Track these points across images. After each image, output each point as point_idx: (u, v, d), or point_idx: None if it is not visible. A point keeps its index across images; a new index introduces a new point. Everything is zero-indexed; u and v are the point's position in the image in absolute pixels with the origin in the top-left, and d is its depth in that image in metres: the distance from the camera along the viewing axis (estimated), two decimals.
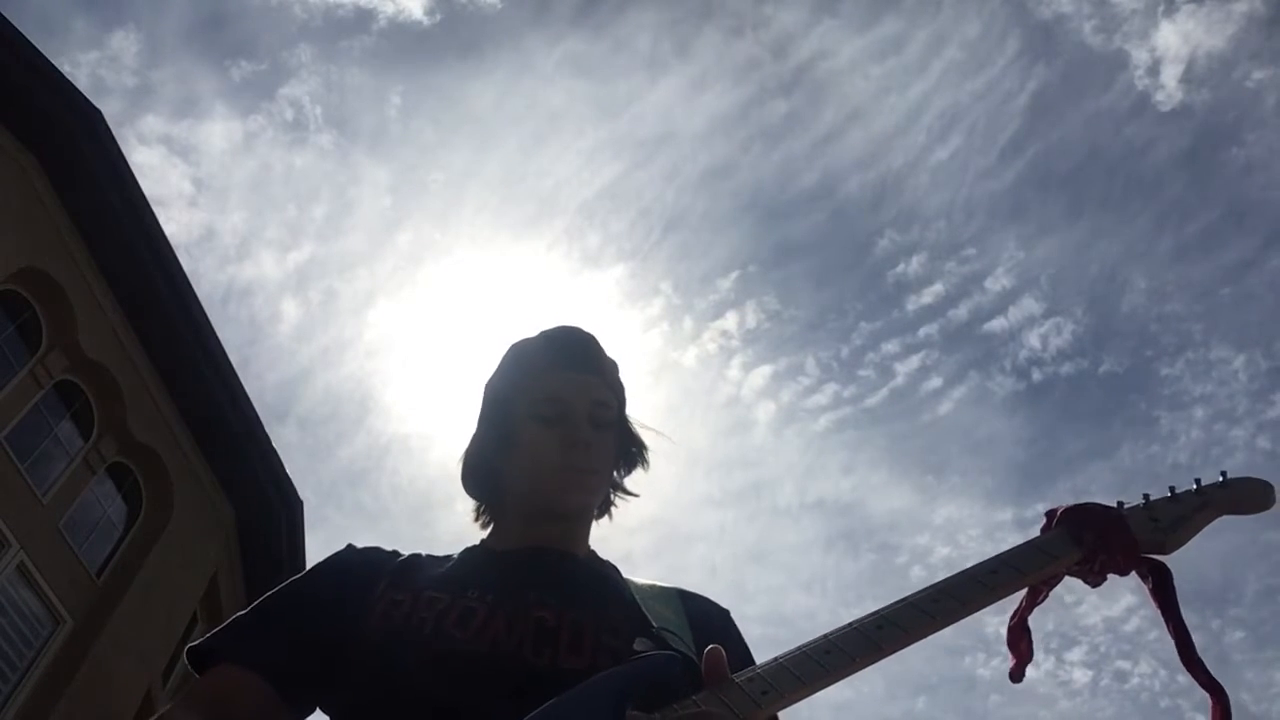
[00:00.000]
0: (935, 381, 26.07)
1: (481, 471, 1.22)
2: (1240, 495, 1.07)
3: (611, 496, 1.24)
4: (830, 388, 26.88)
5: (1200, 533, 1.05)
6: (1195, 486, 1.08)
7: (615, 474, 1.24)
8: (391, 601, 1.02)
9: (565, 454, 1.12)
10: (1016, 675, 1.09)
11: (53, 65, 8.01)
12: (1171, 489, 1.08)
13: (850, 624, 0.94)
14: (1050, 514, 1.09)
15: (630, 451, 1.25)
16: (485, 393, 1.26)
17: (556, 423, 1.14)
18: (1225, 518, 1.09)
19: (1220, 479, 1.07)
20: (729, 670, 0.85)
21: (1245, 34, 20.13)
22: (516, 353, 1.26)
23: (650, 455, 1.27)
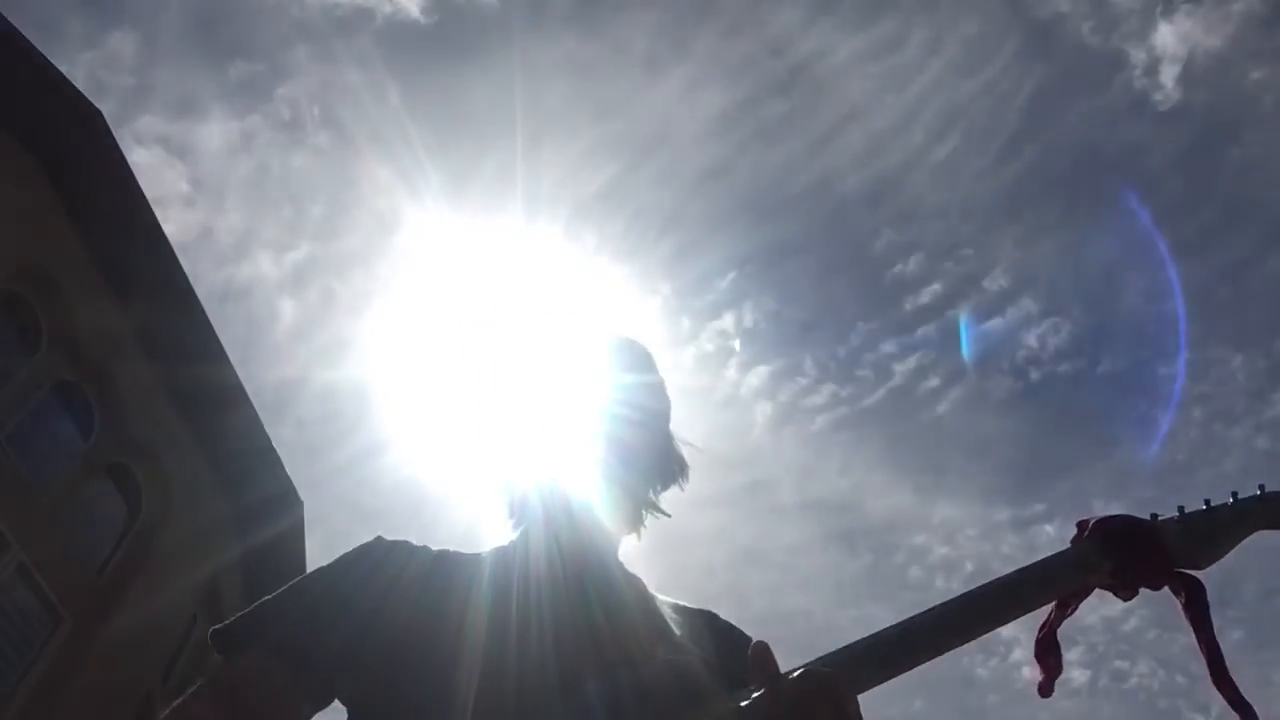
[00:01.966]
0: (933, 382, 26.07)
1: (522, 477, 1.22)
2: (1278, 509, 1.05)
3: (644, 513, 1.23)
4: (828, 388, 26.87)
5: (1236, 548, 1.04)
6: (1231, 500, 1.06)
7: (651, 491, 1.23)
8: (418, 602, 1.02)
9: (613, 464, 1.15)
10: (1046, 690, 1.08)
11: (53, 65, 7.99)
12: (1207, 502, 1.06)
13: (876, 633, 0.93)
14: (1081, 525, 1.08)
15: (670, 469, 1.25)
16: (537, 398, 1.27)
17: (605, 436, 1.16)
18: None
19: (1258, 491, 1.06)
20: (777, 666, 0.84)
21: (1243, 34, 20.14)
22: (574, 358, 1.27)
23: (686, 479, 1.26)
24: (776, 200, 25.44)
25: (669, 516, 1.25)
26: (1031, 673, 1.10)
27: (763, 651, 0.83)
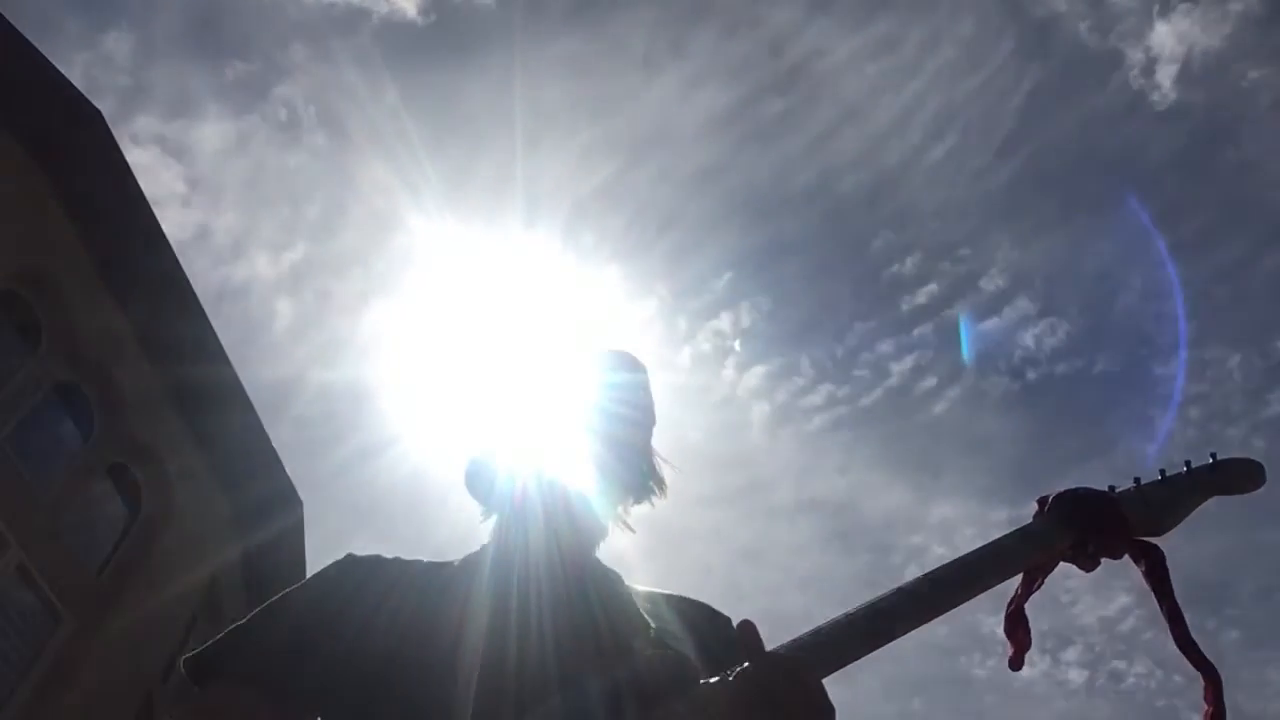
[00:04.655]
0: (930, 381, 26.05)
1: (499, 470, 1.22)
2: (1230, 476, 1.08)
3: (610, 526, 1.23)
4: (825, 388, 26.84)
5: (1192, 514, 1.06)
6: (1186, 469, 1.08)
7: (622, 505, 1.23)
8: (394, 612, 1.02)
9: (596, 463, 1.16)
10: (1016, 663, 1.10)
11: (53, 65, 8.02)
12: (1162, 471, 1.09)
13: (844, 614, 0.93)
14: (1042, 500, 1.10)
15: (646, 486, 1.25)
16: (521, 394, 1.29)
17: (593, 434, 1.18)
18: (1217, 507, 1.09)
19: (1210, 460, 1.08)
20: (762, 644, 0.84)
21: (1241, 33, 20.13)
22: (565, 362, 1.29)
23: (663, 496, 1.26)
24: (774, 200, 25.45)
25: (634, 533, 1.25)
26: (1023, 656, 1.11)
27: (748, 630, 0.83)
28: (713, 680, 0.82)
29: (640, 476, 1.23)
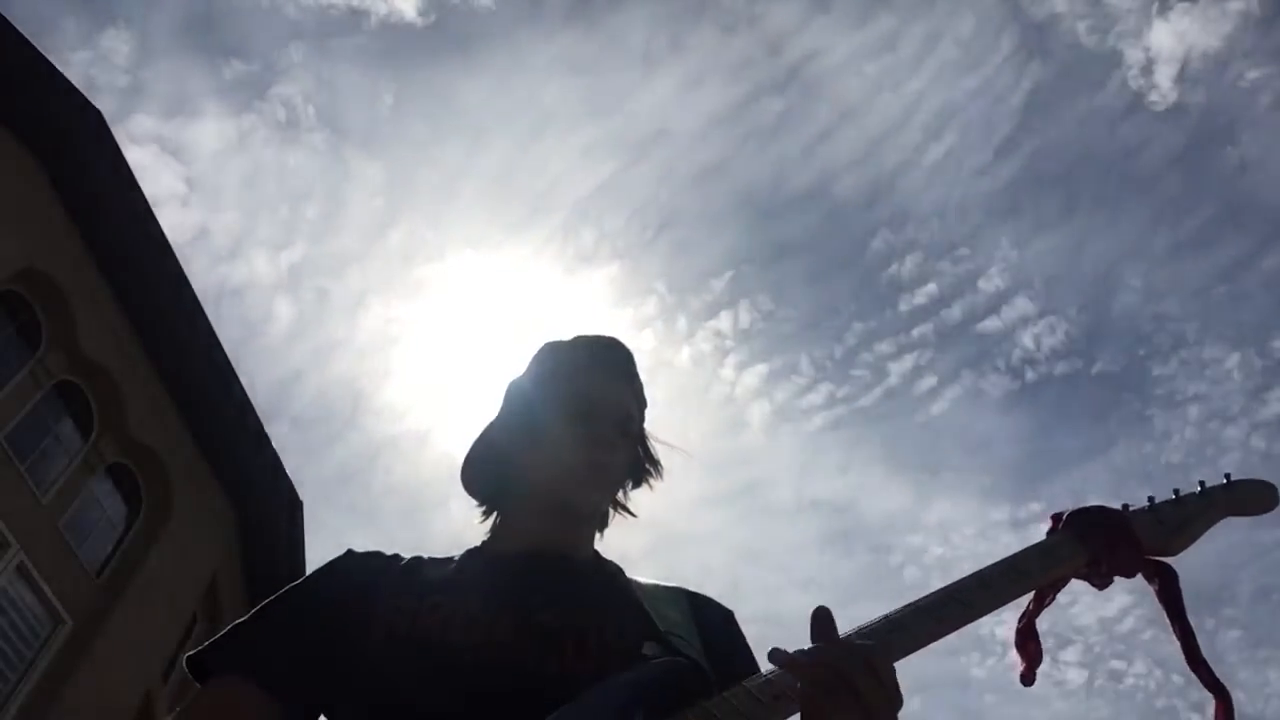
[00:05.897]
0: (929, 381, 26.15)
1: (493, 464, 1.21)
2: (1244, 496, 1.08)
3: (611, 511, 1.23)
4: (824, 387, 26.92)
5: (1205, 535, 1.06)
6: (1200, 489, 1.08)
7: (621, 491, 1.23)
8: (395, 609, 1.01)
9: (590, 450, 1.13)
10: (1027, 678, 1.10)
11: (53, 65, 8.02)
12: (1176, 491, 1.08)
13: (855, 629, 0.92)
14: (1056, 517, 1.10)
15: (643, 469, 1.25)
16: (512, 386, 1.27)
17: (586, 421, 1.15)
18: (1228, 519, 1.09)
19: (1224, 480, 1.08)
20: (836, 630, 0.83)
21: (1239, 33, 20.18)
22: (553, 349, 1.27)
23: (659, 478, 1.26)
24: (773, 199, 25.51)
25: (635, 517, 1.25)
26: (1035, 670, 1.11)
27: (822, 615, 0.82)
28: (755, 681, 0.83)
29: (635, 461, 1.23)
